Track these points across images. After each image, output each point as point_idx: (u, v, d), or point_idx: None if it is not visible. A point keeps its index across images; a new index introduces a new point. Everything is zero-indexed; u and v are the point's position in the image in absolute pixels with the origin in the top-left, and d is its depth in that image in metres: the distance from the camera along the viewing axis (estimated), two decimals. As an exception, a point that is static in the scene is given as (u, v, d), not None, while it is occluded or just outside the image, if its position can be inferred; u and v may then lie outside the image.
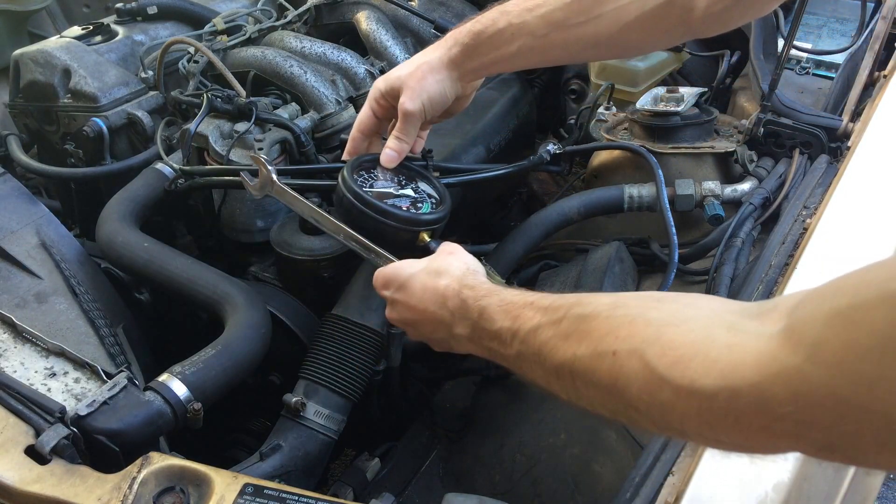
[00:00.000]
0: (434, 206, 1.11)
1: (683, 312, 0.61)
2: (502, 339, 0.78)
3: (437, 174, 1.24)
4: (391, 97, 1.12)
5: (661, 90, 1.53)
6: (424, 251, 1.02)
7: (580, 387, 0.67)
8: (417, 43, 1.82)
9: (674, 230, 1.32)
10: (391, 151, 1.12)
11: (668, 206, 1.35)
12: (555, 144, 1.49)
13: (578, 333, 0.67)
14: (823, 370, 0.48)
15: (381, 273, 0.96)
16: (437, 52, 1.10)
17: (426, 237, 1.06)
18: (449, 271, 0.88)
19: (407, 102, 1.09)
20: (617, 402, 0.64)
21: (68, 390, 0.90)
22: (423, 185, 1.15)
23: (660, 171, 1.38)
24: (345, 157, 1.16)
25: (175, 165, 1.39)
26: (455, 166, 1.41)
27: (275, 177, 1.10)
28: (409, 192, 1.12)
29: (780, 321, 0.53)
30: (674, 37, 1.11)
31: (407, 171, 1.16)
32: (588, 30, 1.01)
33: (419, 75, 1.09)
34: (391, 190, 1.11)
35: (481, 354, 0.85)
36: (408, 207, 1.08)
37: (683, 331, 0.59)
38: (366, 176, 1.11)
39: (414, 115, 1.10)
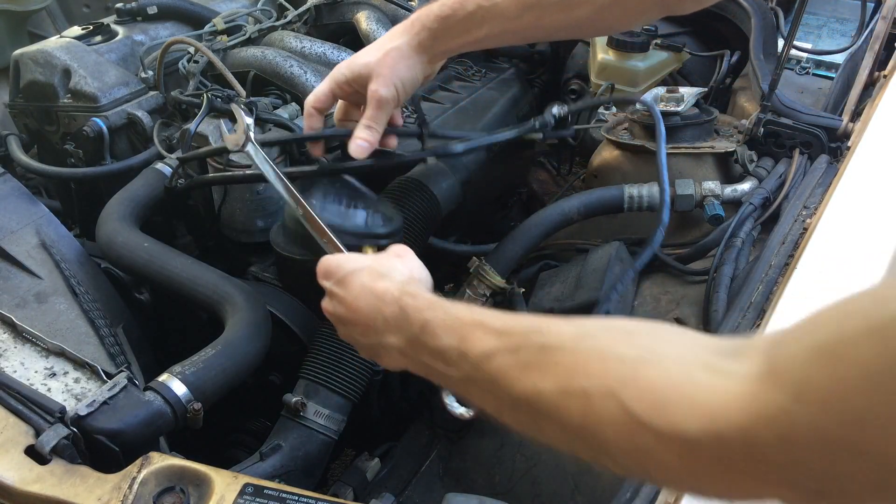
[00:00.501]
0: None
1: (657, 348, 0.57)
2: (447, 358, 0.71)
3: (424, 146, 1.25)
4: (357, 84, 1.09)
5: (661, 90, 1.53)
6: None
7: (542, 424, 0.62)
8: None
9: (668, 208, 1.28)
10: (363, 142, 1.09)
11: (666, 178, 1.30)
12: (560, 106, 1.43)
13: (541, 366, 0.61)
14: (811, 410, 0.45)
15: (325, 262, 0.90)
16: (403, 36, 1.08)
17: (370, 251, 1.02)
18: (391, 275, 0.83)
19: (381, 89, 1.06)
20: (586, 445, 0.59)
21: (68, 390, 0.90)
22: (376, 213, 1.11)
23: (663, 140, 1.32)
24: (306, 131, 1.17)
25: (173, 157, 1.39)
26: (457, 134, 1.37)
27: (251, 134, 1.06)
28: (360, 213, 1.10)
29: (759, 359, 0.50)
30: (651, 15, 1.09)
31: (355, 195, 1.13)
32: (563, 11, 0.99)
33: (390, 62, 1.06)
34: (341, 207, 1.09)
35: (413, 370, 0.78)
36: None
37: (660, 370, 0.55)
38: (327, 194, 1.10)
39: (388, 102, 1.08)
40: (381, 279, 0.82)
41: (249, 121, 1.05)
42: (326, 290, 0.90)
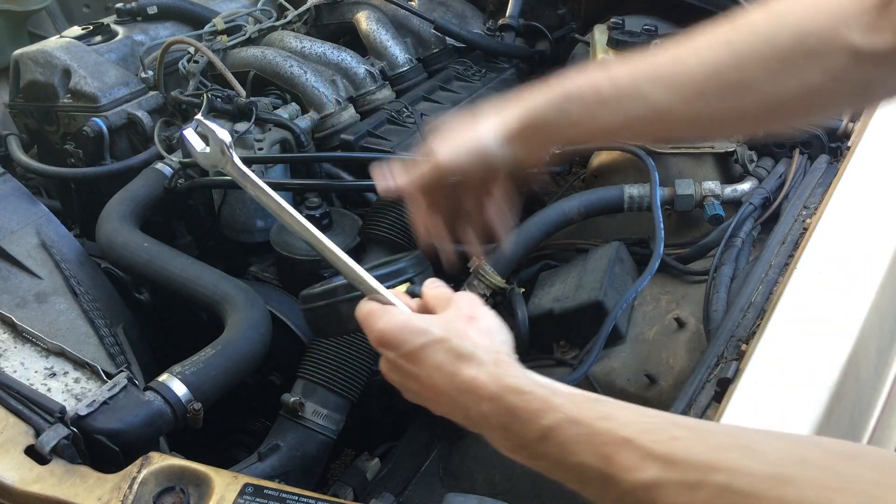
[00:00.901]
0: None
1: (886, 499, 0.47)
2: (584, 477, 0.60)
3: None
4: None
5: (661, 90, 1.53)
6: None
7: None
8: (417, 43, 1.83)
9: (661, 231, 1.30)
10: (392, 184, 0.87)
11: (659, 207, 1.34)
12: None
13: None
14: None
15: (380, 327, 0.72)
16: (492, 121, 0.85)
17: (403, 289, 0.82)
18: (475, 356, 0.68)
19: (437, 149, 0.85)
20: None
21: (68, 390, 0.90)
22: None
23: (655, 172, 1.36)
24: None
25: (174, 160, 1.40)
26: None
27: (233, 153, 0.80)
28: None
29: None
30: (844, 106, 0.88)
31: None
32: (740, 97, 0.77)
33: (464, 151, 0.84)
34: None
35: (526, 464, 0.67)
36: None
37: None
38: None
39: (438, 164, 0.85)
40: (465, 363, 0.68)
41: (226, 135, 0.79)
42: (386, 359, 0.74)
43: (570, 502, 1.10)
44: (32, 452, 0.81)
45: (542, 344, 1.32)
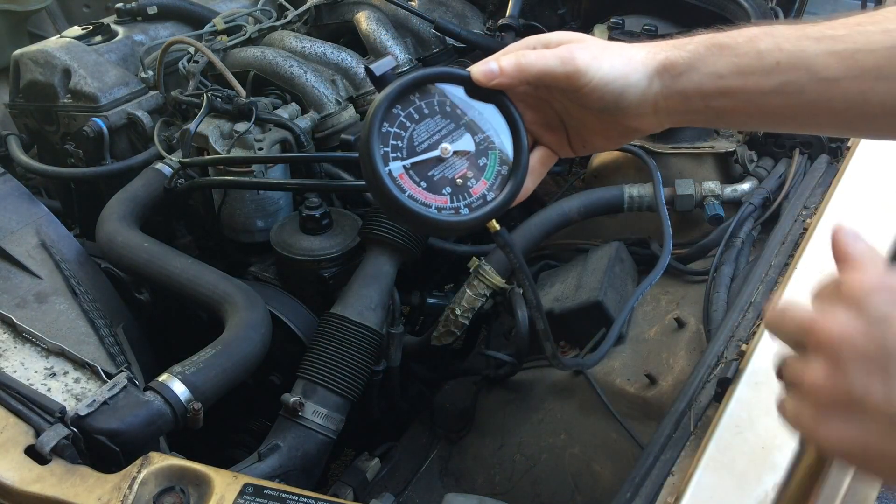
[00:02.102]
0: (500, 170, 0.78)
1: None
2: None
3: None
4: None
5: (661, 90, 1.53)
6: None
7: None
8: (417, 43, 1.82)
9: (670, 232, 1.31)
10: (495, 67, 0.75)
11: (664, 207, 1.35)
12: None
13: None
14: None
15: (862, 277, 0.55)
16: (640, 51, 0.75)
17: (496, 225, 0.80)
18: None
19: (578, 53, 0.73)
20: None
21: (68, 390, 0.90)
22: (491, 129, 0.78)
23: (657, 173, 1.37)
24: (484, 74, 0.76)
25: (174, 159, 1.40)
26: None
27: None
28: (466, 142, 0.77)
29: None
30: None
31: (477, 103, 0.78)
32: None
33: (608, 49, 0.75)
34: (444, 141, 0.76)
35: None
36: (462, 176, 0.76)
37: None
38: (411, 113, 0.75)
39: (576, 69, 0.72)
40: None
41: None
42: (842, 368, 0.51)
43: (569, 502, 1.10)
44: (32, 452, 0.81)
45: (542, 344, 1.32)
